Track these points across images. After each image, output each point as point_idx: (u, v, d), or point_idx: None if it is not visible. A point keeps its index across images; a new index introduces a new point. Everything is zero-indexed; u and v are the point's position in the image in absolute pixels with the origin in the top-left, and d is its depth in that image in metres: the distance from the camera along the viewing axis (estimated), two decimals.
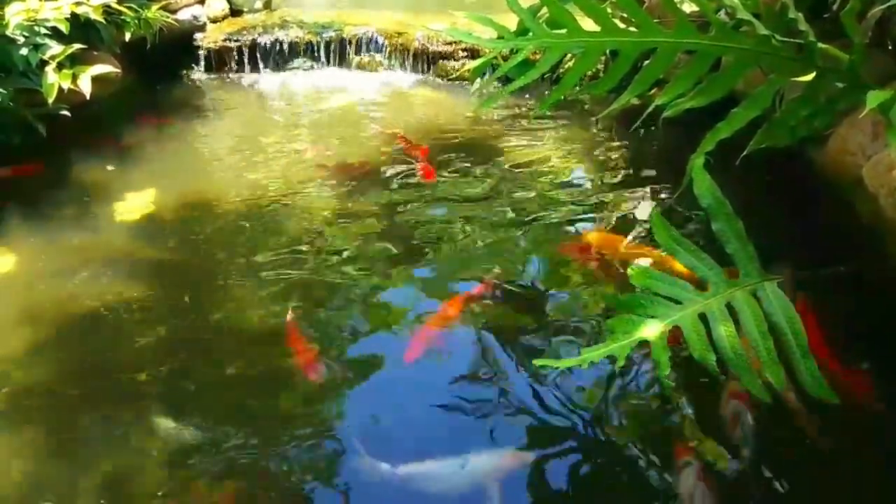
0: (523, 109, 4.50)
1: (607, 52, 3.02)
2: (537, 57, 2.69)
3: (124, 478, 2.05)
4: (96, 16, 3.95)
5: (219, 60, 5.19)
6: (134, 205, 3.40)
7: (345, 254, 3.00)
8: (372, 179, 3.61)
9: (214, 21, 5.41)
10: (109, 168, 3.74)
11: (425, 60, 5.11)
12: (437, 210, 3.33)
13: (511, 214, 3.29)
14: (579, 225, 3.21)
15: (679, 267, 2.36)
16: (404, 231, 3.17)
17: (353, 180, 3.58)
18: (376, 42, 5.18)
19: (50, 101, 3.62)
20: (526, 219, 3.24)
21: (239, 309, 2.69)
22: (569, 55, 2.65)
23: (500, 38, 2.59)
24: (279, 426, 2.22)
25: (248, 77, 5.17)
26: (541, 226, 3.19)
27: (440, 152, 3.91)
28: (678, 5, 2.40)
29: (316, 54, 5.22)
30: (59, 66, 3.70)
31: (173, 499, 1.98)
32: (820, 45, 2.21)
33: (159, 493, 1.99)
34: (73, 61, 3.79)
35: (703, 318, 2.10)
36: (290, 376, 2.41)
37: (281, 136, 4.21)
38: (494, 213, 3.30)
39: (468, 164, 3.76)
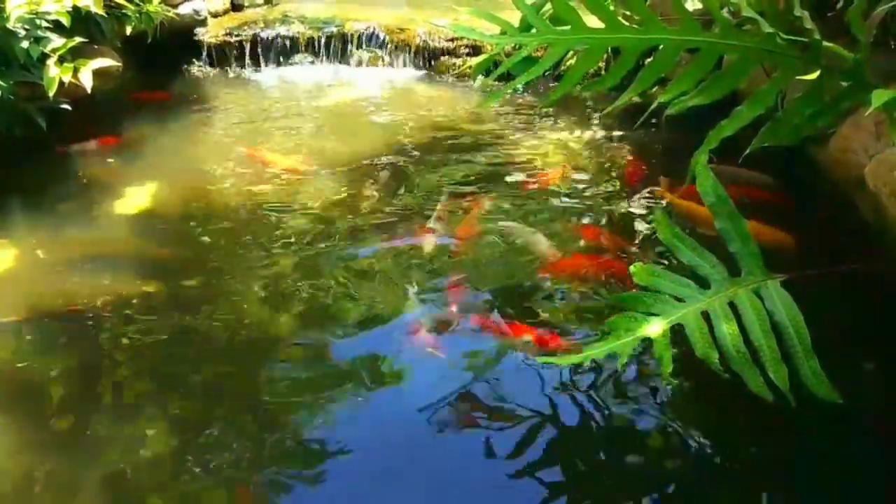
0: (525, 106, 4.49)
1: (609, 49, 3.01)
2: (540, 54, 2.68)
3: (124, 474, 2.04)
4: (97, 9, 3.94)
5: (220, 55, 5.19)
6: (134, 199, 3.39)
7: (346, 250, 3.00)
8: (377, 174, 3.62)
9: (215, 16, 5.41)
10: (109, 161, 3.74)
11: (427, 56, 5.11)
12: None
13: (511, 211, 3.28)
14: (579, 221, 3.21)
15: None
16: (405, 225, 3.17)
17: None
18: (378, 38, 5.18)
19: (51, 94, 3.60)
20: (526, 215, 3.23)
21: (239, 304, 2.69)
22: (571, 52, 2.65)
23: (503, 34, 2.58)
24: (278, 422, 2.22)
25: (248, 72, 5.17)
26: (541, 222, 3.18)
27: (441, 149, 3.90)
28: (682, 3, 2.40)
29: (317, 50, 5.22)
30: (61, 60, 3.68)
31: (173, 495, 1.98)
32: (824, 43, 2.20)
33: (159, 490, 1.99)
34: (74, 55, 3.78)
35: (705, 316, 2.10)
36: (287, 372, 2.41)
37: (281, 132, 4.20)
38: (494, 209, 3.29)
39: (469, 161, 3.76)
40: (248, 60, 5.20)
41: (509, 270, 2.88)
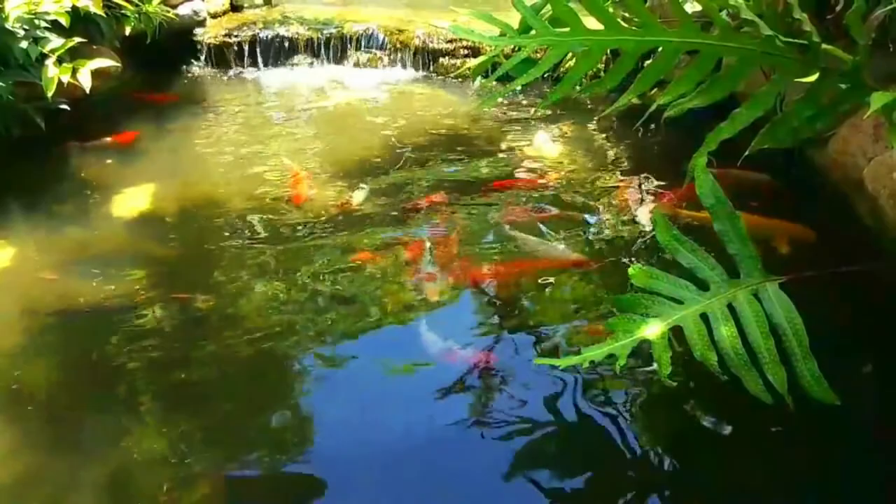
0: (523, 108, 4.49)
1: (609, 51, 3.01)
2: (539, 55, 2.68)
3: (123, 473, 2.04)
4: (97, 9, 3.94)
5: (219, 56, 5.20)
6: (133, 199, 3.39)
7: (345, 249, 3.00)
8: (374, 174, 3.62)
9: (215, 16, 5.41)
10: (108, 162, 3.74)
11: (426, 58, 5.10)
12: (440, 208, 3.32)
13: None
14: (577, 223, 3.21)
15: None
16: (405, 224, 3.17)
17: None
18: (377, 39, 5.18)
19: (49, 94, 3.60)
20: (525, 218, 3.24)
21: (237, 304, 2.69)
22: (570, 54, 2.65)
23: (502, 35, 2.58)
24: (277, 420, 2.22)
25: (248, 73, 5.17)
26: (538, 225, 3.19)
27: (439, 150, 3.90)
28: (681, 5, 2.40)
29: (316, 51, 5.22)
30: (59, 60, 3.69)
31: (172, 495, 1.98)
32: (823, 45, 2.20)
33: (157, 490, 1.99)
34: (73, 55, 3.78)
35: (704, 318, 2.10)
36: (287, 369, 2.41)
37: (280, 132, 4.20)
38: (491, 211, 3.29)
39: (467, 162, 3.76)
40: (247, 61, 5.20)
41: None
